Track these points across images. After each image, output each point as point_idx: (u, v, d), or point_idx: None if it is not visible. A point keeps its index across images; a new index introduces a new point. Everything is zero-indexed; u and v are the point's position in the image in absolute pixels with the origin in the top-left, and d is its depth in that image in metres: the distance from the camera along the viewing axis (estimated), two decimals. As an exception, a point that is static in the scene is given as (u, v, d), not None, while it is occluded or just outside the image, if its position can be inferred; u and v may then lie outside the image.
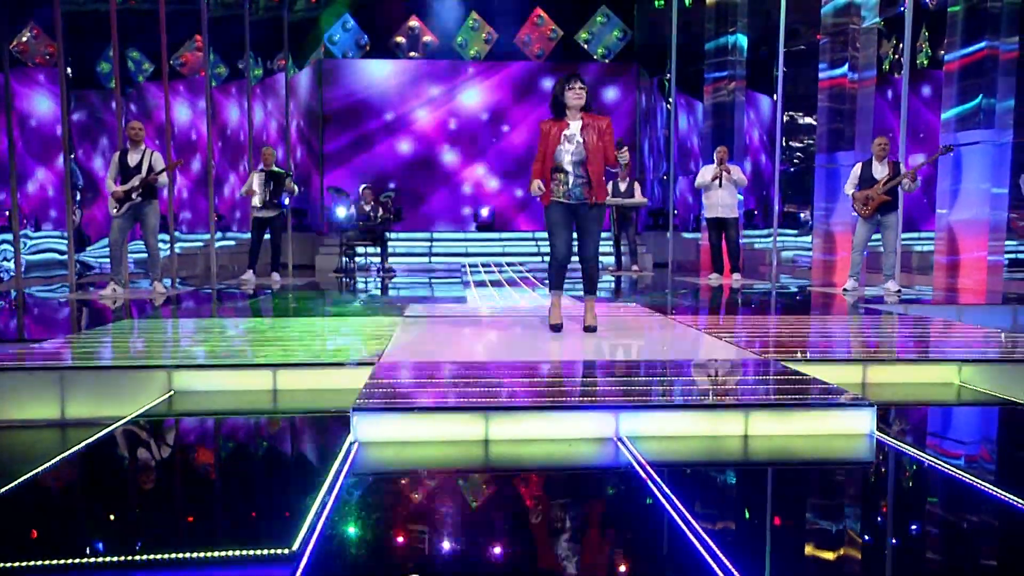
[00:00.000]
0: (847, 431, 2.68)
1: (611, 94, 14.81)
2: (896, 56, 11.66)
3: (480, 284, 8.48)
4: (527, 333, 4.51)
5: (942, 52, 8.86)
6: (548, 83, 14.79)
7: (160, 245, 7.77)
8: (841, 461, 2.54)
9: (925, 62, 12.28)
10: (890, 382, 3.54)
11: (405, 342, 4.16)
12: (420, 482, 2.35)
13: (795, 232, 12.22)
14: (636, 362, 3.52)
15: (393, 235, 11.14)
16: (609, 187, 10.63)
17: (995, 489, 2.20)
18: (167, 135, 10.88)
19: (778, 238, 11.59)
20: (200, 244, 12.02)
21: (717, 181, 8.58)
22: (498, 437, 2.66)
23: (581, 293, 4.66)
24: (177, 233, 11.07)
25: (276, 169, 8.92)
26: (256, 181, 8.77)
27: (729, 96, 12.34)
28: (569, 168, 4.20)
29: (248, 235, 9.54)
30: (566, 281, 4.73)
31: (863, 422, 2.67)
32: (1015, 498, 2.12)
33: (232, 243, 13.50)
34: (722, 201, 8.73)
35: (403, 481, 2.38)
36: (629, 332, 4.49)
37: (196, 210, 15.98)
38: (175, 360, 3.59)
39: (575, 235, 4.36)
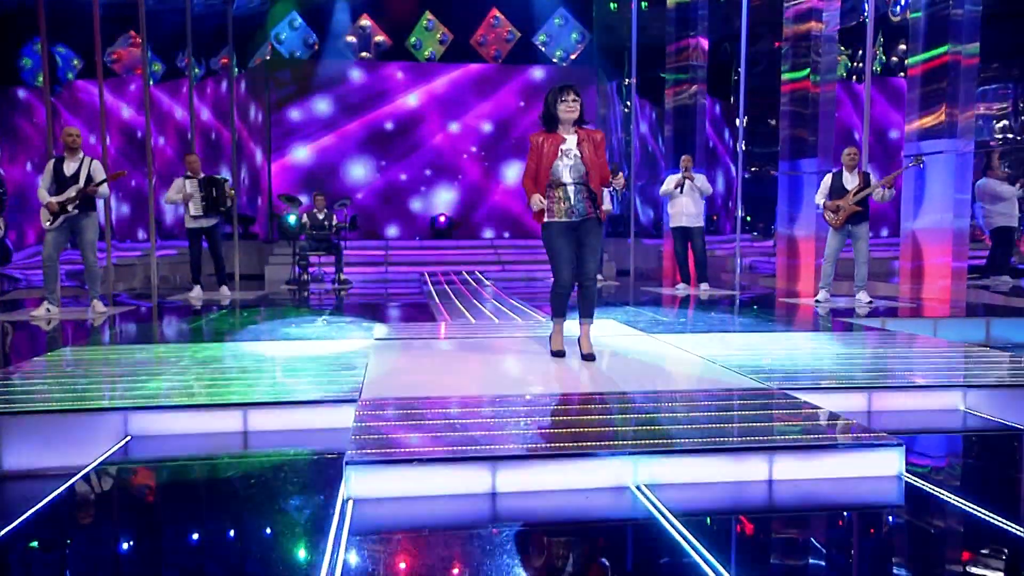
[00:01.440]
0: (875, 473, 2.59)
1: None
2: (858, 64, 11.95)
3: (444, 297, 8.27)
4: (517, 359, 4.35)
5: (894, 59, 9.12)
6: (507, 85, 14.68)
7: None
8: (872, 506, 2.45)
9: (878, 69, 12.57)
10: (896, 409, 3.49)
11: (383, 372, 3.95)
12: (428, 544, 2.16)
13: (760, 238, 12.40)
14: (641, 395, 3.38)
15: (347, 244, 10.80)
16: None
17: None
18: (102, 138, 10.33)
19: (736, 244, 11.70)
20: (139, 254, 11.48)
21: (680, 188, 8.58)
22: (507, 489, 2.48)
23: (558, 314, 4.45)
24: (113, 242, 10.53)
25: (216, 176, 8.54)
26: (189, 188, 8.35)
27: (691, 99, 12.42)
28: (569, 183, 4.07)
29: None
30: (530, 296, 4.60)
31: (891, 463, 2.58)
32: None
33: (173, 252, 12.96)
34: (687, 210, 8.74)
35: (409, 545, 2.18)
36: (621, 357, 4.36)
37: (133, 218, 15.29)
38: (131, 400, 3.29)
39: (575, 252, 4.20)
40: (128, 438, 3.15)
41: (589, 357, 4.18)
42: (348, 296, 9.39)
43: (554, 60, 14.98)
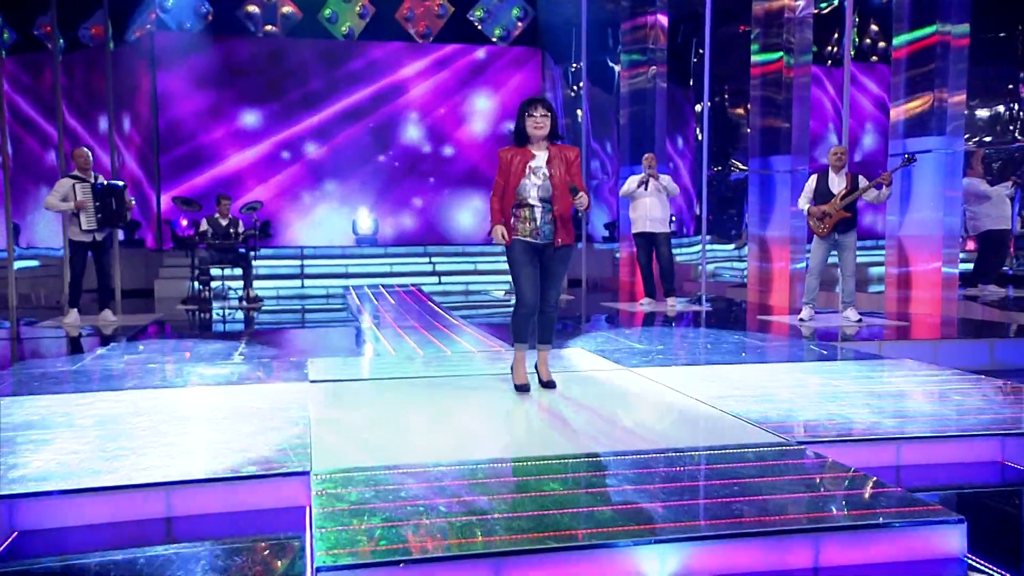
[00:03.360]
0: (935, 554, 2.56)
1: (512, 83, 14.70)
2: (834, 48, 12.27)
3: (378, 318, 8.04)
4: (484, 401, 4.21)
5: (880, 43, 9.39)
6: (437, 68, 14.50)
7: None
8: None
9: (854, 52, 12.95)
10: (927, 462, 3.51)
11: (331, 428, 3.74)
12: None
13: (729, 245, 12.59)
14: (645, 456, 3.29)
15: (257, 254, 10.42)
16: None
17: None
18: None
19: (702, 250, 11.87)
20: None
21: (643, 187, 8.61)
22: (513, 592, 2.34)
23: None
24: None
25: (114, 184, 8.05)
26: (80, 194, 7.82)
27: (649, 83, 12.53)
28: (536, 203, 4.23)
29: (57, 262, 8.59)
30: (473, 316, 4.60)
31: (953, 542, 2.56)
32: None
33: (35, 264, 12.27)
34: (651, 214, 8.74)
35: None
36: (606, 401, 4.28)
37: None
38: (13, 485, 2.98)
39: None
40: (14, 534, 2.86)
41: (549, 384, 4.43)
42: (260, 317, 9.06)
43: (493, 39, 14.89)
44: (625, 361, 5.41)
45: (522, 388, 4.41)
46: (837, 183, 7.37)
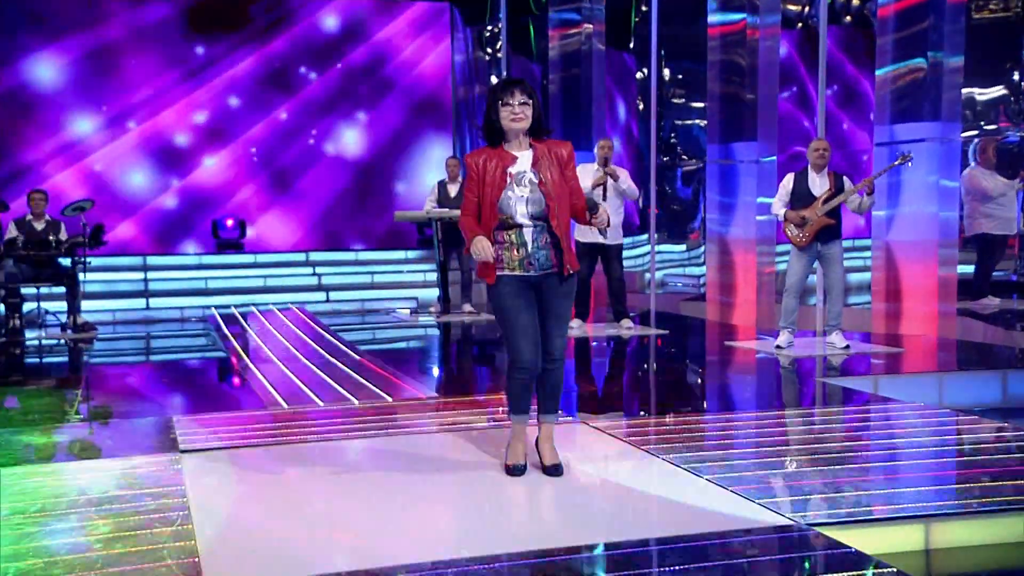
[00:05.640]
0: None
1: (415, 48, 14.70)
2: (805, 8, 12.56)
3: (256, 355, 7.82)
4: (442, 483, 4.12)
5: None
6: (325, 28, 14.28)
7: None
8: None
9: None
10: (960, 545, 3.60)
11: (225, 528, 3.57)
12: None
13: (679, 246, 12.76)
14: (623, 549, 3.27)
15: (86, 268, 9.96)
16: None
17: None
18: None
19: (651, 257, 12.03)
20: None
21: (600, 192, 8.54)
22: None
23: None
24: None
25: None
26: None
27: (584, 44, 12.59)
28: (527, 223, 3.97)
29: None
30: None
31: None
32: None
33: None
34: (603, 220, 8.75)
35: None
36: (573, 471, 4.26)
37: None
38: None
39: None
40: None
41: (554, 470, 4.14)
42: (94, 351, 8.70)
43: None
44: (570, 409, 5.46)
45: (515, 470, 4.15)
46: (819, 184, 7.52)
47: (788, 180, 7.70)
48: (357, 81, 14.53)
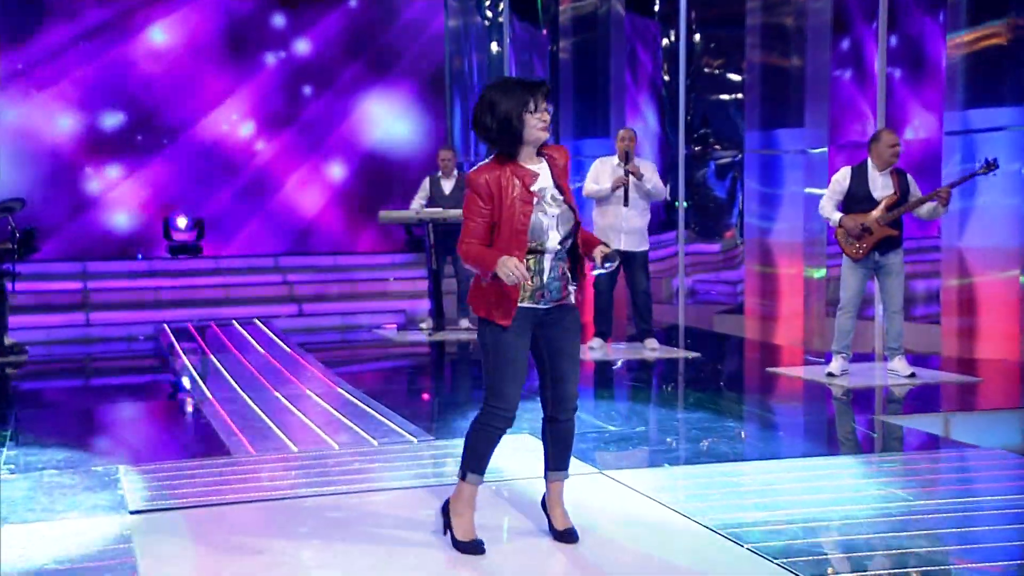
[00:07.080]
0: None
1: (405, 17, 14.82)
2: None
3: (217, 382, 7.77)
4: (436, 558, 4.05)
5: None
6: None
7: None
8: None
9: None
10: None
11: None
12: None
13: (711, 246, 12.67)
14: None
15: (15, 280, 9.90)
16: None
17: None
18: None
19: (679, 260, 11.94)
20: None
21: (621, 192, 8.46)
22: None
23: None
24: None
25: None
26: None
27: (602, 7, 12.43)
28: (556, 247, 3.98)
29: None
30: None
31: None
32: None
33: None
34: (626, 224, 8.60)
35: None
36: (585, 529, 4.25)
37: None
38: None
39: (538, 360, 4.16)
40: None
41: (568, 536, 4.13)
42: (23, 378, 8.64)
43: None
44: (600, 460, 5.46)
45: (470, 548, 4.03)
46: (881, 185, 7.30)
47: (843, 176, 7.51)
48: (336, 50, 14.59)
